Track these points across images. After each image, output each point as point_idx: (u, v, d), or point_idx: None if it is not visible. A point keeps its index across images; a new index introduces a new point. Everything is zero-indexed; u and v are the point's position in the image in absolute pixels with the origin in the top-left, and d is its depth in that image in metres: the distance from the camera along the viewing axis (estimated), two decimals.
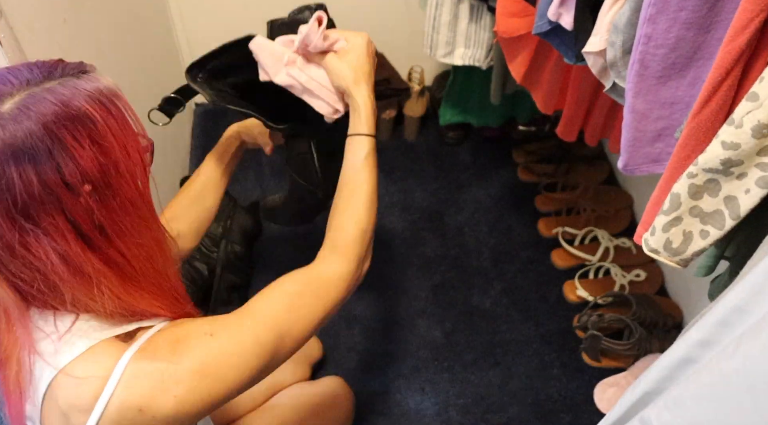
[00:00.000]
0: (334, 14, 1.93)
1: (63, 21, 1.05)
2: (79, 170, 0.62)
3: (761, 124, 0.59)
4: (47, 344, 0.67)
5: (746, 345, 0.56)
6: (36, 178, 0.60)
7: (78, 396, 0.65)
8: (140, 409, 0.66)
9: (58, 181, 0.61)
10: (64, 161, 0.61)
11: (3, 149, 0.59)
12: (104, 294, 0.67)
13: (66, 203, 0.62)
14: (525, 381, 1.46)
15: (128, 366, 0.66)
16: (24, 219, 0.62)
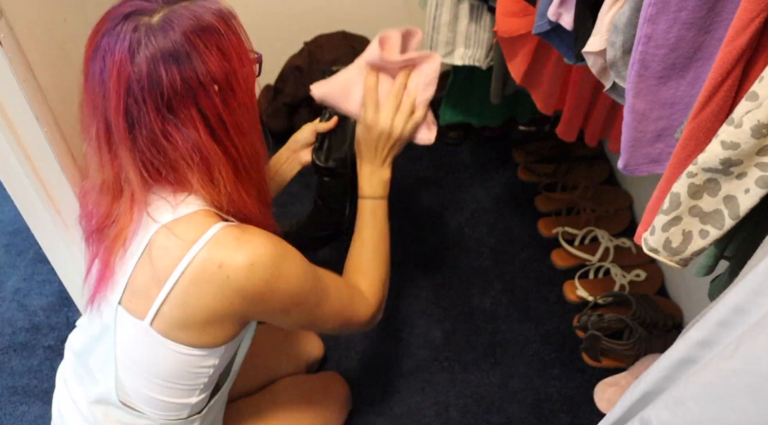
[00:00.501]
0: (335, 13, 1.93)
1: (63, 21, 1.05)
2: (209, 72, 0.76)
3: (761, 123, 0.59)
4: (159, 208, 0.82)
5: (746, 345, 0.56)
6: (179, 76, 0.75)
7: (174, 245, 0.80)
8: (220, 265, 0.79)
9: (194, 79, 0.76)
10: (198, 64, 0.76)
11: (155, 53, 0.74)
12: (219, 181, 0.82)
13: (199, 99, 0.77)
14: (525, 381, 1.46)
15: (220, 230, 0.81)
16: (167, 111, 0.76)
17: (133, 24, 0.75)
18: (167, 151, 0.78)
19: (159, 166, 0.80)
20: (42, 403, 1.42)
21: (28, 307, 1.59)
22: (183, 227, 0.81)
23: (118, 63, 0.74)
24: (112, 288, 0.86)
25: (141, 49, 0.74)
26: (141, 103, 0.75)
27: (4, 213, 1.80)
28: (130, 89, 0.75)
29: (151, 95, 0.75)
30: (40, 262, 1.68)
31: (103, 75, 0.75)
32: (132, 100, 0.75)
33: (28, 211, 1.07)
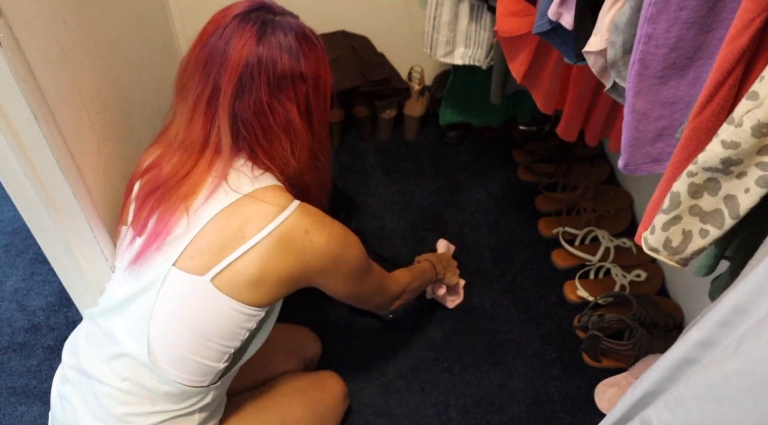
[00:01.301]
0: (335, 13, 1.93)
1: (62, 21, 1.05)
2: (307, 70, 0.95)
3: (761, 123, 0.59)
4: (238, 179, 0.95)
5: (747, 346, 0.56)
6: (288, 65, 0.93)
7: (265, 210, 0.93)
8: (306, 230, 0.95)
9: (297, 71, 0.94)
10: (302, 61, 0.94)
11: (277, 43, 0.92)
12: (297, 153, 0.98)
13: (297, 87, 0.95)
14: (525, 381, 1.46)
15: (303, 204, 0.96)
16: (275, 87, 0.93)
17: (262, 16, 0.93)
18: (268, 119, 0.93)
19: (255, 130, 0.94)
20: (41, 403, 1.42)
21: (28, 307, 1.59)
22: (270, 195, 0.94)
23: (246, 42, 0.90)
24: (166, 248, 0.94)
25: (266, 37, 0.91)
26: (256, 76, 0.91)
27: (3, 213, 1.80)
28: (248, 64, 0.90)
29: (266, 72, 0.91)
30: (39, 262, 1.68)
31: (228, 47, 0.91)
32: (248, 73, 0.91)
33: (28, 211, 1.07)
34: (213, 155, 0.95)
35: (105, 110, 1.19)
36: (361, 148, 1.97)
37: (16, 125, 0.95)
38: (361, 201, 1.83)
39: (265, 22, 0.93)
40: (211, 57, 0.92)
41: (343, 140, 1.98)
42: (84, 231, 1.12)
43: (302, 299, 1.58)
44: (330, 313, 1.57)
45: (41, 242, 1.14)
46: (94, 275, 1.20)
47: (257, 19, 0.93)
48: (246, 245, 0.91)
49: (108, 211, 1.16)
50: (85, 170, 1.09)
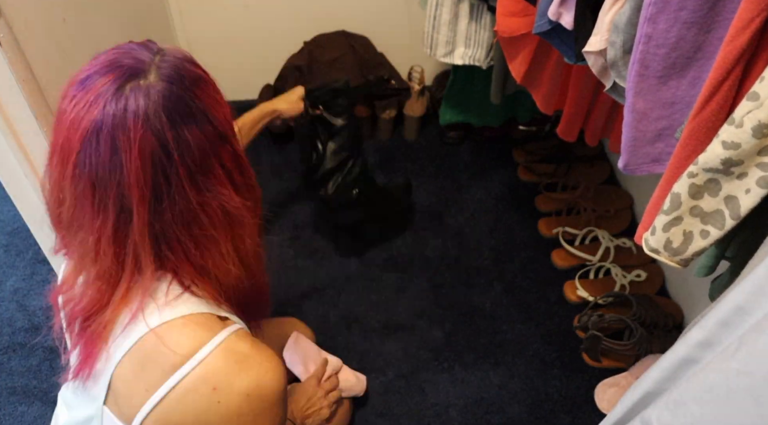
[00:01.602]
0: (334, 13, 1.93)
1: (62, 21, 1.05)
2: (218, 121, 0.69)
3: (762, 124, 0.59)
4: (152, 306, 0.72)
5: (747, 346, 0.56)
6: (200, 133, 0.67)
7: (165, 359, 0.70)
8: (215, 387, 0.71)
9: (213, 133, 0.68)
10: (209, 115, 0.68)
11: (173, 117, 0.65)
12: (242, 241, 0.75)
13: (221, 154, 0.70)
14: (525, 381, 1.46)
15: (223, 344, 0.72)
16: (202, 176, 0.68)
17: (134, 92, 0.65)
18: (201, 222, 0.70)
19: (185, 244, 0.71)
20: (41, 403, 1.42)
21: (28, 307, 1.59)
22: (176, 336, 0.71)
23: (138, 139, 0.64)
24: (95, 382, 0.77)
25: (155, 118, 0.65)
26: (173, 176, 0.66)
27: (3, 213, 1.80)
28: (155, 165, 0.65)
29: (183, 164, 0.66)
30: (39, 262, 1.68)
31: (117, 157, 0.64)
32: (161, 177, 0.66)
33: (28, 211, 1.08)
34: (129, 282, 0.72)
35: None
36: None
37: (16, 125, 0.95)
38: None
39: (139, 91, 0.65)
40: (98, 181, 0.66)
41: None
42: None
43: (301, 298, 1.59)
44: (330, 313, 1.57)
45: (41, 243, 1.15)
46: None
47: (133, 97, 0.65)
48: (151, 399, 0.72)
49: None
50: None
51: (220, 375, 0.71)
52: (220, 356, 0.71)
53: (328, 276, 1.64)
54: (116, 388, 0.74)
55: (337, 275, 1.65)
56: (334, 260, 1.68)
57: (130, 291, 0.72)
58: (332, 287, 1.62)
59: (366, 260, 1.68)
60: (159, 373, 0.71)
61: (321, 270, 1.66)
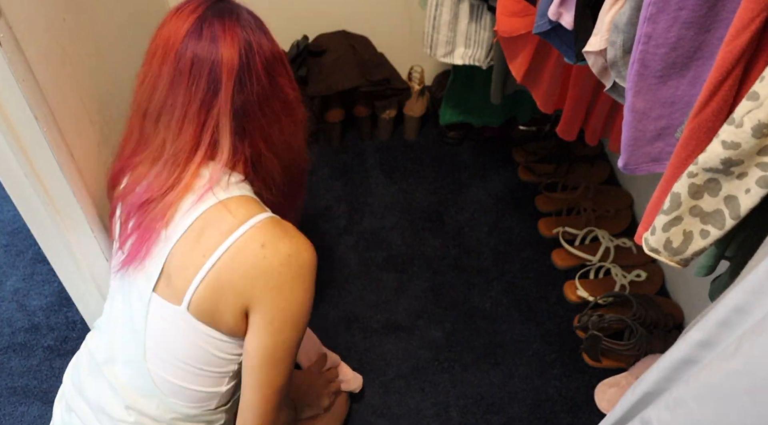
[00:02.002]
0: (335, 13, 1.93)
1: (62, 20, 1.05)
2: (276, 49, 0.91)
3: (762, 123, 0.59)
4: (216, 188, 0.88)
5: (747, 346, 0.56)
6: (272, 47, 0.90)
7: (225, 221, 0.85)
8: (263, 244, 0.85)
9: (275, 50, 0.90)
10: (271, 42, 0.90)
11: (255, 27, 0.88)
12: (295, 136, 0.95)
13: (285, 66, 0.92)
14: (525, 381, 1.46)
15: (270, 218, 0.87)
16: (271, 70, 0.89)
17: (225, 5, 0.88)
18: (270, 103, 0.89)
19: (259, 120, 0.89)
20: (41, 403, 1.42)
21: (28, 307, 1.59)
22: (236, 205, 0.87)
23: (233, 32, 0.84)
24: (146, 269, 0.89)
25: (246, 20, 0.87)
26: (253, 65, 0.86)
27: (3, 213, 1.80)
28: (241, 54, 0.84)
29: (261, 58, 0.86)
30: (39, 262, 1.68)
31: (215, 45, 0.84)
32: (245, 63, 0.85)
33: (28, 211, 1.07)
34: (202, 161, 0.88)
35: (105, 110, 1.19)
36: (361, 148, 1.97)
37: (16, 125, 0.95)
38: (362, 201, 1.83)
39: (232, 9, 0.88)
40: (195, 61, 0.84)
41: (343, 140, 1.98)
42: (84, 231, 1.12)
43: None
44: (330, 312, 1.57)
45: (41, 242, 1.14)
46: (94, 275, 1.20)
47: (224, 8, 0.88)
48: (205, 266, 0.85)
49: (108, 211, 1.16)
50: (85, 170, 1.09)
51: (268, 235, 0.85)
52: (269, 223, 0.87)
53: (328, 276, 1.64)
54: (170, 267, 0.87)
55: (337, 274, 1.65)
56: (334, 260, 1.68)
57: (199, 171, 0.88)
58: (332, 287, 1.62)
59: (366, 260, 1.68)
60: (217, 236, 0.84)
61: (321, 270, 1.65)
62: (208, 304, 0.86)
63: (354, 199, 1.82)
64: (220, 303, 0.86)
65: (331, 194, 1.84)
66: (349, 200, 1.82)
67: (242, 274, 0.84)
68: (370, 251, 1.70)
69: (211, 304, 0.86)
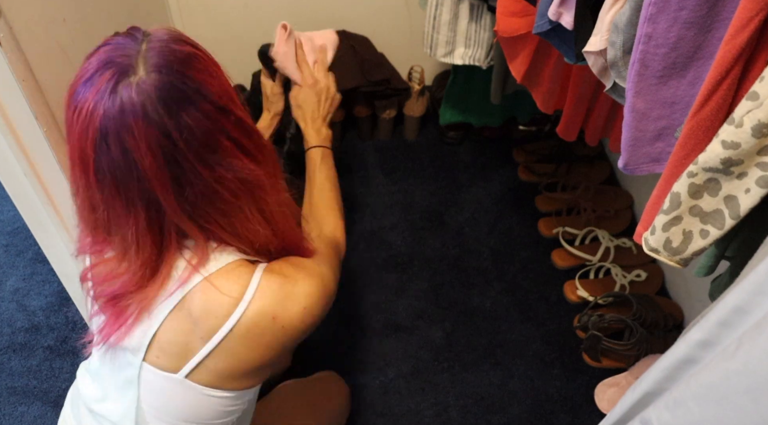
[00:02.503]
0: (334, 13, 1.93)
1: (63, 20, 1.05)
2: (217, 96, 0.71)
3: (761, 123, 0.59)
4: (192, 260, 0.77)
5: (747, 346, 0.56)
6: (201, 114, 0.69)
7: (219, 303, 0.76)
8: (274, 317, 0.77)
9: (212, 109, 0.70)
10: (205, 92, 0.70)
11: (169, 106, 0.67)
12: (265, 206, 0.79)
13: (225, 126, 0.72)
14: (525, 381, 1.46)
15: (262, 279, 0.78)
16: (211, 154, 0.71)
17: (126, 90, 0.67)
18: (222, 196, 0.74)
19: (214, 217, 0.75)
20: (41, 403, 1.42)
21: (28, 307, 1.59)
22: (223, 281, 0.77)
23: (143, 135, 0.67)
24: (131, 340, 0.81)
25: (153, 111, 0.67)
26: (184, 161, 0.70)
27: (3, 213, 1.80)
28: (165, 155, 0.69)
29: (190, 148, 0.69)
30: (39, 262, 1.68)
31: (129, 156, 0.68)
32: (174, 165, 0.69)
33: (28, 211, 1.07)
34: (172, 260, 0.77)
35: None
36: (361, 148, 1.97)
37: (17, 125, 0.95)
38: (362, 201, 1.83)
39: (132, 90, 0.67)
40: (119, 183, 0.70)
41: (343, 140, 1.98)
42: None
43: None
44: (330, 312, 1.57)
45: (41, 242, 1.15)
46: None
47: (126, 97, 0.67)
48: (209, 344, 0.78)
49: None
50: None
51: (273, 305, 0.77)
52: (264, 289, 0.77)
53: None
54: (161, 341, 0.79)
55: None
56: None
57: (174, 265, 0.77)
58: None
59: (366, 260, 1.68)
60: (213, 319, 0.76)
61: None
62: (214, 375, 0.81)
63: (354, 199, 1.82)
64: (237, 372, 0.82)
65: None
66: (349, 200, 1.82)
67: (267, 347, 0.80)
68: (370, 251, 1.70)
69: (224, 373, 0.81)
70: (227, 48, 1.91)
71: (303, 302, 0.80)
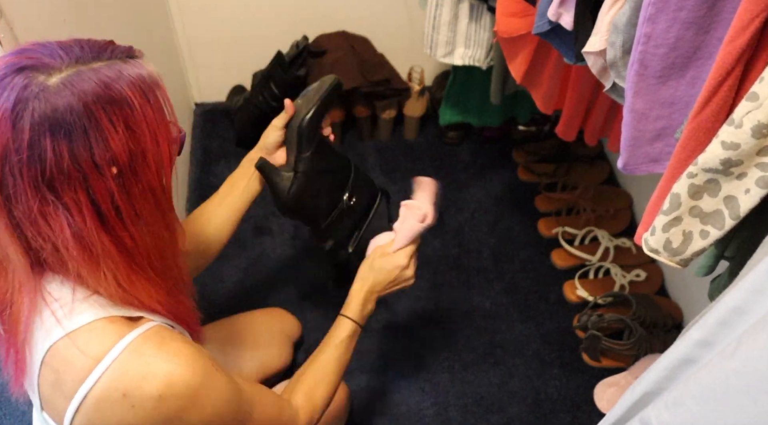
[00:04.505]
0: (334, 13, 1.93)
1: (63, 21, 1.05)
2: (109, 153, 0.64)
3: (761, 124, 0.59)
4: (56, 308, 0.69)
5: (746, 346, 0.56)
6: (68, 154, 0.62)
7: (74, 366, 0.68)
8: (124, 394, 0.68)
9: (88, 160, 0.63)
10: (96, 141, 0.63)
11: (41, 121, 0.61)
12: (107, 277, 0.68)
13: (91, 182, 0.64)
14: (525, 381, 1.46)
15: (127, 347, 0.68)
16: (48, 190, 0.63)
17: (24, 80, 0.61)
18: (47, 234, 0.65)
19: (42, 250, 0.66)
20: None
21: None
22: (85, 338, 0.68)
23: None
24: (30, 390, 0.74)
25: (26, 114, 0.60)
26: (18, 175, 0.62)
27: None
28: (7, 157, 0.61)
29: (29, 170, 0.62)
30: None
31: None
32: (8, 171, 0.62)
33: None
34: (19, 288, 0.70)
35: None
36: (361, 148, 1.97)
37: None
38: None
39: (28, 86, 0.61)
40: None
41: (343, 140, 1.98)
42: None
43: (301, 298, 1.58)
44: (330, 312, 1.57)
45: None
46: None
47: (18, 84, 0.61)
48: (71, 405, 0.69)
49: None
50: None
51: (126, 379, 0.68)
52: (126, 359, 0.68)
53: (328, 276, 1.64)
54: (44, 394, 0.72)
55: None
56: None
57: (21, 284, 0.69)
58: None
59: None
60: (71, 380, 0.68)
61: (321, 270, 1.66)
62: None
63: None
64: None
65: None
66: None
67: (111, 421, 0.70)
68: None
69: None
70: (227, 48, 1.92)
71: (161, 386, 0.68)
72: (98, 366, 0.67)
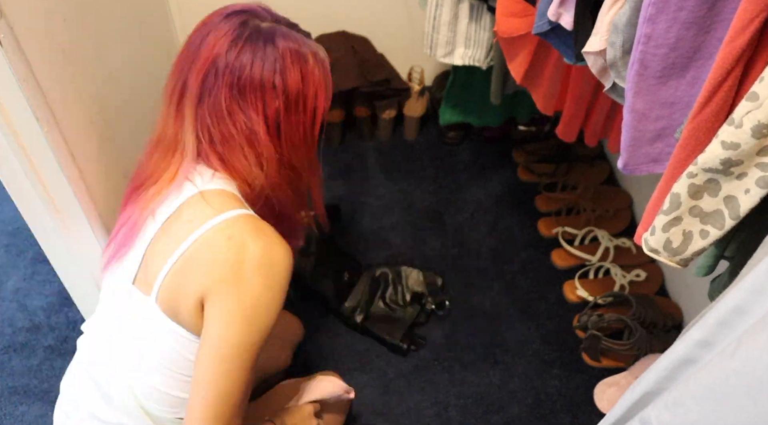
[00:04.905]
0: (334, 13, 1.93)
1: (63, 21, 1.05)
2: (284, 83, 0.86)
3: (761, 124, 0.59)
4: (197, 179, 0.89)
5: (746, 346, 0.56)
6: (259, 72, 0.85)
7: (199, 214, 0.85)
8: (229, 236, 0.84)
9: (270, 81, 0.85)
10: (279, 71, 0.85)
11: (251, 47, 0.85)
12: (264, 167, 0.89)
13: (267, 98, 0.86)
14: (525, 381, 1.46)
15: (247, 214, 0.87)
16: (238, 93, 0.85)
17: (244, 18, 0.86)
18: (227, 125, 0.86)
19: (215, 135, 0.87)
20: (42, 403, 1.42)
21: (28, 307, 1.59)
22: (214, 197, 0.86)
23: (218, 40, 0.85)
24: (127, 263, 0.90)
25: (242, 40, 0.84)
26: (219, 76, 0.84)
27: (4, 213, 1.80)
28: (215, 63, 0.84)
29: (230, 74, 0.84)
30: (40, 262, 1.68)
31: (202, 44, 0.86)
32: (213, 72, 0.84)
33: (28, 211, 1.08)
34: (180, 158, 0.89)
35: (105, 110, 1.19)
36: (361, 148, 1.97)
37: (17, 125, 0.95)
38: (362, 201, 1.83)
39: (246, 23, 0.86)
40: (187, 54, 0.87)
41: (343, 140, 1.98)
42: (84, 231, 1.12)
43: (301, 298, 1.58)
44: (329, 312, 1.58)
45: (41, 242, 1.15)
46: (94, 275, 1.21)
47: (239, 21, 0.86)
48: (176, 253, 0.84)
49: (108, 211, 1.16)
50: (85, 170, 1.09)
51: (237, 228, 0.84)
52: (244, 218, 0.85)
53: None
54: (148, 255, 0.88)
55: None
56: None
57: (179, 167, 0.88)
58: None
59: (366, 260, 1.68)
60: (188, 226, 0.84)
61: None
62: (172, 295, 0.85)
63: (354, 199, 1.83)
64: (180, 295, 0.84)
65: (331, 194, 1.84)
66: (349, 200, 1.83)
67: (203, 265, 0.83)
68: (370, 251, 1.70)
69: (173, 296, 0.85)
70: None
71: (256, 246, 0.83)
72: (218, 216, 0.84)
